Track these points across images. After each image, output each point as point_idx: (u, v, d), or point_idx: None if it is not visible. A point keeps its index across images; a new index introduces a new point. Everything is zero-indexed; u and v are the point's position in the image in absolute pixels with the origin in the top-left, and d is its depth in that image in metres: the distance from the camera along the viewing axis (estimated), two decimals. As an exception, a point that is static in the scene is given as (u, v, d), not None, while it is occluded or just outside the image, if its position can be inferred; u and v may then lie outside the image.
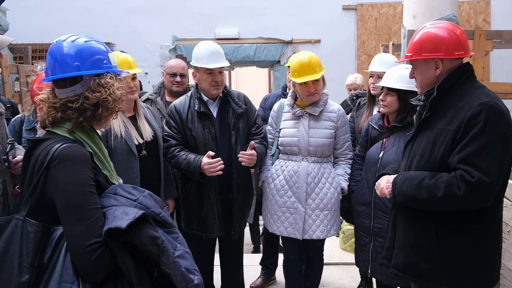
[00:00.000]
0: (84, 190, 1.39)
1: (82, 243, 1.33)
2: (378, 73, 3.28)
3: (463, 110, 1.78)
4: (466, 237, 1.82)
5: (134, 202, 1.45)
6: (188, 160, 2.68)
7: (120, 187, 1.52)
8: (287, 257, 3.12)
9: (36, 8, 6.81)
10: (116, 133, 2.53)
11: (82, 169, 1.41)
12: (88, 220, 1.35)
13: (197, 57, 2.78)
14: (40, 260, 1.36)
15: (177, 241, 1.48)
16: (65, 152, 1.41)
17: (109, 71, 1.55)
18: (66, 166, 1.39)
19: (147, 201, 1.48)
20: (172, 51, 6.99)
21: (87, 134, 1.54)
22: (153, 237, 1.36)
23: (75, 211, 1.36)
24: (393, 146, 2.65)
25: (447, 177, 1.76)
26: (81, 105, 1.48)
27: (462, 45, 1.89)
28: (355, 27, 7.31)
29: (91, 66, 1.51)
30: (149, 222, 1.39)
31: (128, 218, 1.33)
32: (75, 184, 1.38)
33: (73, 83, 1.50)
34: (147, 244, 1.35)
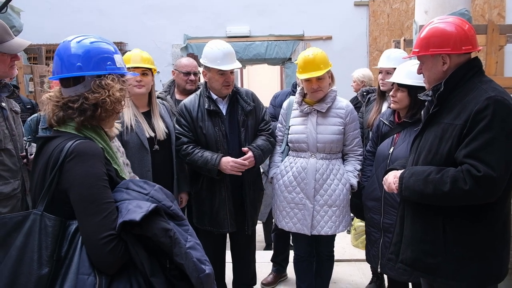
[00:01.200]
0: (99, 184, 1.43)
1: (96, 235, 1.37)
2: (387, 69, 3.28)
3: (470, 105, 1.77)
4: (473, 232, 1.81)
5: (145, 196, 1.49)
6: (205, 158, 2.75)
7: (131, 181, 1.56)
8: (297, 253, 3.14)
9: (50, 9, 6.90)
10: (127, 124, 2.60)
11: (97, 164, 1.45)
12: (103, 213, 1.39)
13: (210, 57, 2.80)
14: (58, 254, 1.40)
15: (188, 232, 1.52)
16: (81, 148, 1.45)
17: (112, 73, 1.57)
18: (82, 160, 1.43)
19: (158, 194, 1.52)
20: (184, 49, 7.03)
21: (95, 131, 1.58)
22: (166, 229, 1.41)
23: (90, 204, 1.40)
24: (403, 142, 2.65)
25: (454, 171, 1.76)
26: (80, 105, 1.51)
27: (470, 40, 1.88)
28: (367, 23, 7.26)
29: (94, 67, 1.54)
30: (161, 215, 1.44)
31: (142, 211, 1.38)
32: (90, 177, 1.42)
33: (76, 83, 1.53)
34: (159, 235, 1.40)
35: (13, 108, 2.46)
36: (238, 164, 2.75)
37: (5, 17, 4.53)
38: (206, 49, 2.85)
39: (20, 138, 2.44)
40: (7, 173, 2.26)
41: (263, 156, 2.92)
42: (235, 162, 2.75)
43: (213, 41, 2.90)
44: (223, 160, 2.75)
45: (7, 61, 2.25)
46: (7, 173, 2.26)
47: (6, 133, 2.29)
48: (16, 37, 2.34)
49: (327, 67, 2.83)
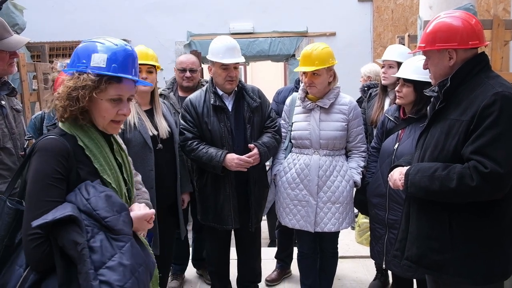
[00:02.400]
0: (44, 181, 1.42)
1: (26, 231, 1.37)
2: (390, 62, 3.26)
3: (477, 100, 1.75)
4: (480, 228, 1.80)
5: (85, 201, 1.43)
6: (209, 154, 2.73)
7: (88, 184, 1.49)
8: (301, 250, 3.13)
9: (53, 6, 6.91)
10: (130, 121, 2.57)
11: (51, 160, 1.44)
12: (38, 210, 1.38)
13: (213, 51, 2.82)
14: (11, 240, 1.46)
15: (120, 250, 1.38)
16: (42, 143, 1.48)
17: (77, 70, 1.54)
18: (39, 156, 1.46)
19: (99, 202, 1.43)
20: (187, 46, 7.02)
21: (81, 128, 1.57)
22: (75, 242, 1.33)
23: (30, 199, 1.42)
24: (408, 138, 2.64)
25: (460, 168, 1.74)
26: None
27: (477, 35, 1.85)
28: (371, 19, 7.23)
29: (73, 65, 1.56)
30: (77, 225, 1.36)
31: (54, 217, 1.33)
32: (39, 173, 1.43)
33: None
34: (67, 247, 1.34)
35: (14, 106, 2.44)
36: (242, 162, 2.74)
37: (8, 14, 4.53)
38: (211, 44, 2.86)
39: (21, 137, 2.42)
40: (6, 172, 2.26)
41: (268, 153, 2.90)
42: (240, 159, 2.74)
43: (219, 36, 2.91)
44: (228, 157, 2.74)
45: (5, 58, 2.24)
46: (6, 172, 2.26)
47: (5, 132, 2.28)
48: (15, 34, 2.33)
49: (323, 65, 2.78)
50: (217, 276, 3.15)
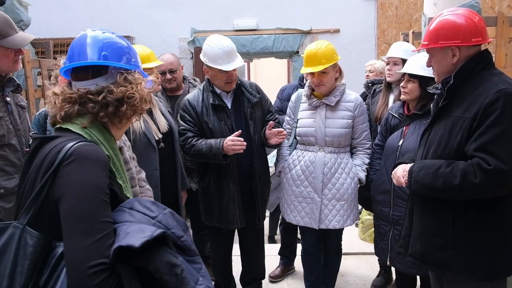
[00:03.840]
0: (98, 197, 1.16)
1: (84, 262, 1.07)
2: (395, 59, 3.25)
3: (480, 98, 1.76)
4: (483, 225, 1.80)
5: (152, 219, 1.22)
6: (209, 144, 2.70)
7: (137, 201, 1.29)
8: (305, 246, 3.14)
9: (57, 3, 6.91)
10: (136, 129, 2.57)
11: (100, 172, 1.20)
12: (97, 234, 1.11)
13: (211, 56, 2.72)
14: (36, 283, 1.12)
15: (200, 273, 1.24)
16: (83, 150, 1.21)
17: (138, 70, 1.42)
18: (83, 165, 1.18)
19: (168, 220, 1.24)
20: (191, 43, 7.02)
21: (103, 135, 1.35)
22: (172, 264, 1.14)
23: (83, 221, 1.12)
24: (413, 134, 2.64)
25: (464, 165, 1.75)
26: (103, 98, 1.31)
27: (480, 32, 1.85)
28: (375, 15, 7.19)
29: (120, 60, 1.38)
30: (168, 245, 1.17)
31: (143, 236, 1.11)
32: (90, 187, 1.16)
33: (96, 75, 1.35)
34: (163, 272, 1.12)
35: (19, 102, 2.46)
36: (235, 142, 2.65)
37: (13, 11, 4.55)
38: (205, 47, 2.76)
39: (26, 133, 2.43)
40: (11, 168, 2.27)
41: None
42: (232, 141, 2.65)
43: (213, 37, 2.79)
44: (225, 141, 2.67)
45: (11, 55, 2.25)
46: (11, 168, 2.27)
47: (10, 128, 2.29)
48: (20, 31, 2.33)
49: (330, 62, 2.77)
50: (221, 274, 3.16)
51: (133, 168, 2.29)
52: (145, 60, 2.62)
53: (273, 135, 2.82)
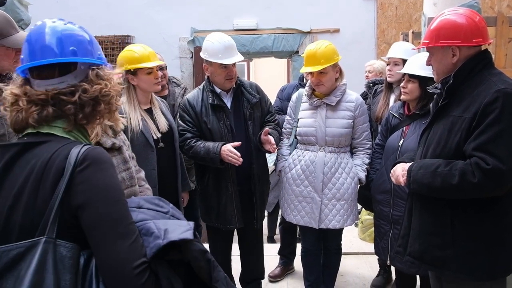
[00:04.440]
0: (122, 199, 1.16)
1: (129, 264, 1.07)
2: (395, 59, 3.25)
3: (479, 97, 1.76)
4: (482, 225, 1.81)
5: (166, 215, 1.25)
6: (206, 147, 2.69)
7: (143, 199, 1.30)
8: (305, 246, 3.14)
9: (58, 2, 6.91)
10: (133, 128, 2.58)
11: (116, 175, 1.19)
12: (132, 235, 1.11)
13: (211, 51, 2.74)
14: None
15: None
16: (95, 154, 1.16)
17: (106, 65, 1.32)
18: (101, 169, 1.15)
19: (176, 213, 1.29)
20: (191, 43, 7.02)
21: (85, 137, 1.29)
22: (203, 251, 1.19)
23: (118, 224, 1.11)
24: (413, 134, 2.65)
25: (462, 164, 1.75)
26: (78, 98, 1.21)
27: (481, 32, 1.86)
28: (374, 15, 7.19)
29: (88, 55, 1.27)
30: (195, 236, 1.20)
31: (188, 229, 1.16)
32: (115, 190, 1.15)
33: (63, 72, 1.22)
34: (199, 259, 1.17)
35: None
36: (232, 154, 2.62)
37: (13, 10, 4.54)
38: (206, 43, 2.78)
39: None
40: None
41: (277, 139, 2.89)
42: (230, 151, 2.63)
43: (213, 34, 2.82)
44: (222, 148, 2.67)
45: (11, 55, 2.24)
46: None
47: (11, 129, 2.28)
48: (21, 31, 2.33)
49: (329, 62, 2.77)
50: None
51: (132, 167, 2.29)
52: (145, 60, 2.62)
53: (266, 142, 2.79)
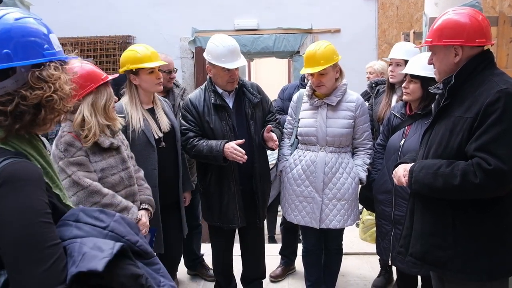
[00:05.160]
0: (40, 220, 1.03)
1: None
2: (397, 60, 3.25)
3: (481, 98, 1.76)
4: (483, 225, 1.80)
5: (103, 230, 1.14)
6: (209, 145, 2.70)
7: (82, 211, 1.17)
8: (306, 246, 3.15)
9: (59, 2, 6.91)
10: (135, 127, 2.58)
11: (36, 192, 1.06)
12: (48, 261, 1.00)
13: (214, 54, 2.75)
14: None
15: (160, 273, 1.20)
16: (11, 170, 1.04)
17: (53, 59, 1.15)
18: (14, 188, 1.03)
19: (120, 227, 1.16)
20: (192, 43, 7.02)
21: (29, 143, 1.16)
22: (136, 276, 1.09)
23: (30, 250, 1.00)
24: (414, 134, 2.65)
25: (464, 165, 1.75)
26: (15, 107, 1.08)
27: (484, 32, 1.86)
28: (375, 15, 7.19)
29: (27, 54, 1.10)
30: (128, 257, 1.11)
31: (104, 256, 1.03)
32: (27, 213, 1.02)
33: (2, 77, 1.09)
34: (128, 285, 1.07)
35: None
36: (237, 151, 2.64)
37: (14, 10, 4.55)
38: (210, 45, 2.79)
39: None
40: None
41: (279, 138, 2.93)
42: (234, 149, 2.64)
43: (217, 36, 2.83)
44: (225, 145, 2.67)
45: None
46: None
47: None
48: None
49: (329, 63, 2.77)
50: (222, 274, 3.17)
51: (131, 167, 2.29)
52: (147, 60, 2.63)
53: (269, 139, 2.82)
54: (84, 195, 2.03)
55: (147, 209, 2.37)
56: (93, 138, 2.08)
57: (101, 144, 2.13)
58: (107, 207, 2.04)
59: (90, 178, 2.07)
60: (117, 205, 2.12)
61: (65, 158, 2.04)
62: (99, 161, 2.13)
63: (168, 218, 2.78)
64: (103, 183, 2.12)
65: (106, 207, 2.02)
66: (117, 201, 2.12)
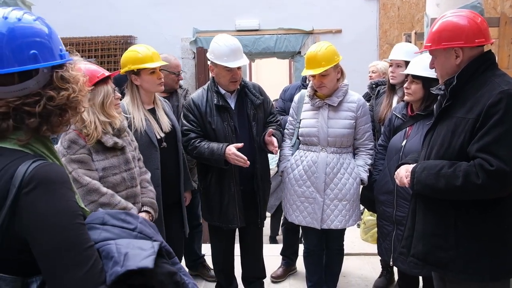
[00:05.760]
0: (75, 223, 1.04)
1: None
2: (398, 61, 3.25)
3: (483, 99, 1.76)
4: (485, 226, 1.80)
5: (133, 232, 1.15)
6: (211, 149, 2.71)
7: (108, 214, 1.18)
8: (307, 247, 3.15)
9: (61, 2, 6.93)
10: (137, 128, 2.59)
11: (69, 194, 1.07)
12: (87, 263, 1.01)
13: (217, 53, 2.76)
14: None
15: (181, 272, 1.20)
16: (44, 173, 1.03)
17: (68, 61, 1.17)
18: (49, 191, 1.02)
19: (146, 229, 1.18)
20: (193, 43, 7.02)
21: (45, 145, 1.14)
22: (172, 273, 1.11)
23: (70, 253, 1.01)
24: (416, 134, 2.65)
25: (466, 165, 1.75)
26: (43, 108, 1.08)
27: (483, 33, 1.86)
28: (377, 16, 7.19)
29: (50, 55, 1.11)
30: (162, 255, 1.13)
31: (149, 254, 1.06)
32: (64, 216, 1.03)
33: (24, 78, 1.07)
34: (166, 283, 1.09)
35: None
36: (239, 157, 2.64)
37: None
38: (212, 45, 2.80)
39: None
40: None
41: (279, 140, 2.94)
42: (236, 155, 2.64)
43: (220, 36, 2.84)
44: (226, 149, 2.67)
45: None
46: None
47: None
48: None
49: (330, 64, 2.77)
50: (223, 274, 3.17)
51: (134, 168, 2.29)
52: (148, 60, 2.63)
53: (270, 143, 2.82)
54: (82, 193, 2.02)
55: (148, 211, 2.35)
56: (95, 136, 2.09)
57: (105, 143, 2.14)
58: (104, 206, 2.03)
59: (91, 177, 2.08)
60: (115, 205, 2.10)
61: (67, 155, 2.05)
62: (101, 160, 2.14)
63: (170, 218, 2.78)
64: (104, 182, 2.12)
65: (104, 206, 2.01)
66: (115, 201, 2.11)
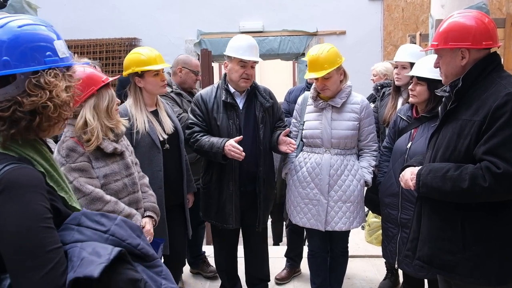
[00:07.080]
0: (39, 226, 1.05)
1: None
2: (403, 63, 3.24)
3: (489, 101, 1.75)
4: (492, 229, 1.79)
5: (104, 234, 1.15)
6: (211, 142, 2.73)
7: (84, 215, 1.18)
8: (311, 249, 3.13)
9: (66, 5, 6.96)
10: (140, 129, 2.58)
11: (36, 198, 1.07)
12: (47, 266, 1.02)
13: (234, 47, 2.82)
14: None
15: (161, 275, 1.21)
16: (11, 177, 1.06)
17: (54, 66, 1.16)
18: (13, 196, 1.04)
19: (121, 231, 1.18)
20: (197, 45, 7.03)
21: (33, 147, 1.17)
22: (134, 280, 1.10)
23: (29, 256, 1.02)
24: (421, 137, 2.63)
25: (472, 168, 1.74)
26: (12, 113, 1.10)
27: (490, 35, 1.85)
28: (381, 17, 7.18)
29: (26, 61, 1.12)
30: (127, 261, 1.12)
31: (101, 262, 1.05)
32: (27, 220, 1.04)
33: (3, 83, 1.11)
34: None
35: None
36: (235, 148, 2.64)
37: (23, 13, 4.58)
38: (231, 41, 2.87)
39: None
40: None
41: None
42: (233, 146, 2.65)
43: (240, 34, 2.94)
44: (226, 143, 2.68)
45: None
46: None
47: None
48: None
49: (332, 66, 2.76)
50: (224, 272, 3.17)
51: (135, 173, 2.27)
52: (152, 62, 2.63)
53: (284, 142, 2.84)
54: (86, 202, 1.99)
55: (151, 216, 2.33)
56: (96, 142, 2.04)
57: (104, 149, 2.08)
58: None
59: (92, 185, 2.03)
60: (120, 212, 2.07)
61: (67, 164, 2.00)
62: (102, 167, 2.09)
63: (173, 220, 2.77)
64: (105, 190, 2.08)
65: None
66: (119, 208, 2.08)
